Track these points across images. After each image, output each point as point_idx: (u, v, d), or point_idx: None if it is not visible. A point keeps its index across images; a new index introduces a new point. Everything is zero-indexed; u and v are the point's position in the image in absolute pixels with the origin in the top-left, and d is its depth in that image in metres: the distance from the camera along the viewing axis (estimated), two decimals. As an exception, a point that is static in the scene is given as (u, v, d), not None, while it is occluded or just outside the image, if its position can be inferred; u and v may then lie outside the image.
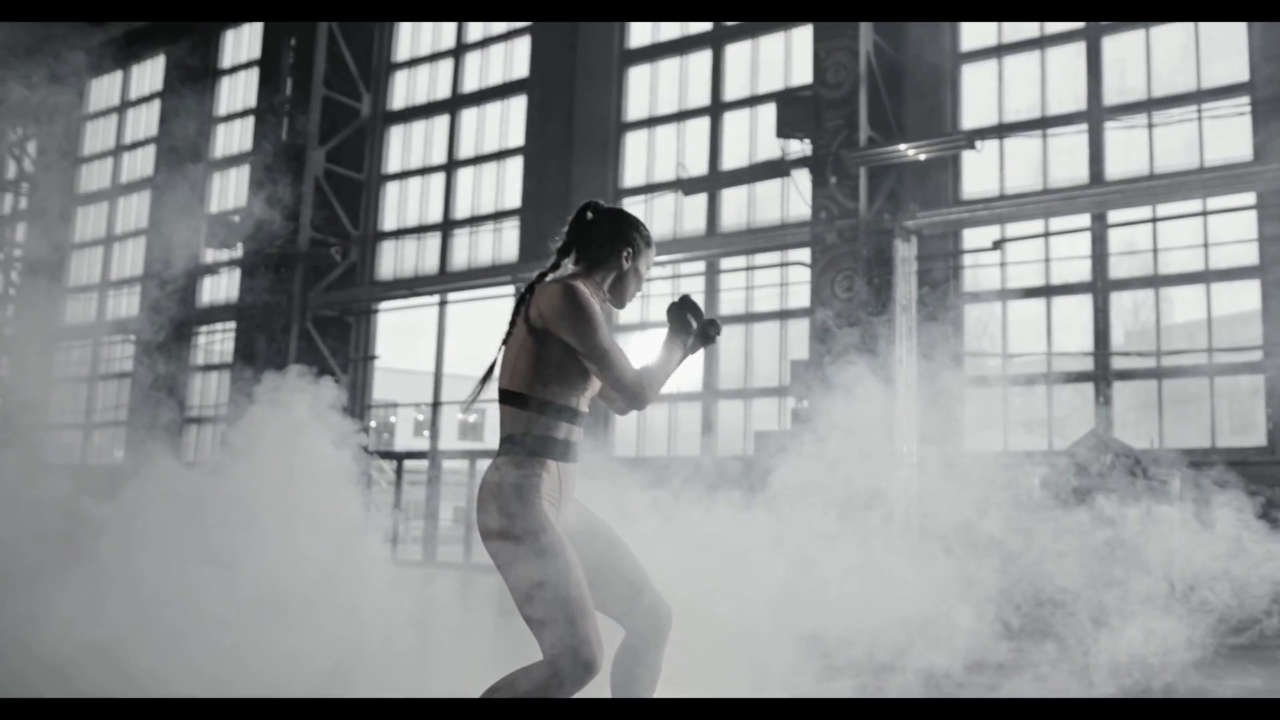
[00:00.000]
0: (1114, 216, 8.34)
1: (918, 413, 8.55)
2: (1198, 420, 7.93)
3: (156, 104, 14.37)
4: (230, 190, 13.39)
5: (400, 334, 13.30)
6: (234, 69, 13.81)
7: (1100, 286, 8.31)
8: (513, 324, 2.81)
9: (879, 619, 4.37)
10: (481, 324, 11.53)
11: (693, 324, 2.85)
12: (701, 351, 3.03)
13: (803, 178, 9.17)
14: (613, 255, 2.89)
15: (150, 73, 14.67)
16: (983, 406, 8.71)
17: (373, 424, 12.52)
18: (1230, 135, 7.97)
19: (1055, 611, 4.75)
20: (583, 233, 2.92)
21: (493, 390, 2.87)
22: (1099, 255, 8.35)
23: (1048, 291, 8.55)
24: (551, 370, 2.72)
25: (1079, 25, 8.72)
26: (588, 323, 2.66)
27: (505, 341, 2.82)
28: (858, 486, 5.44)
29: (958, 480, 5.75)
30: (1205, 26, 8.20)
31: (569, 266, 2.94)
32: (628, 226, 2.94)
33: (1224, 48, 8.10)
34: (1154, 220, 8.14)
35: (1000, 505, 5.16)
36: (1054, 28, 8.85)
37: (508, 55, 11.93)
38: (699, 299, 9.98)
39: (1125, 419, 8.14)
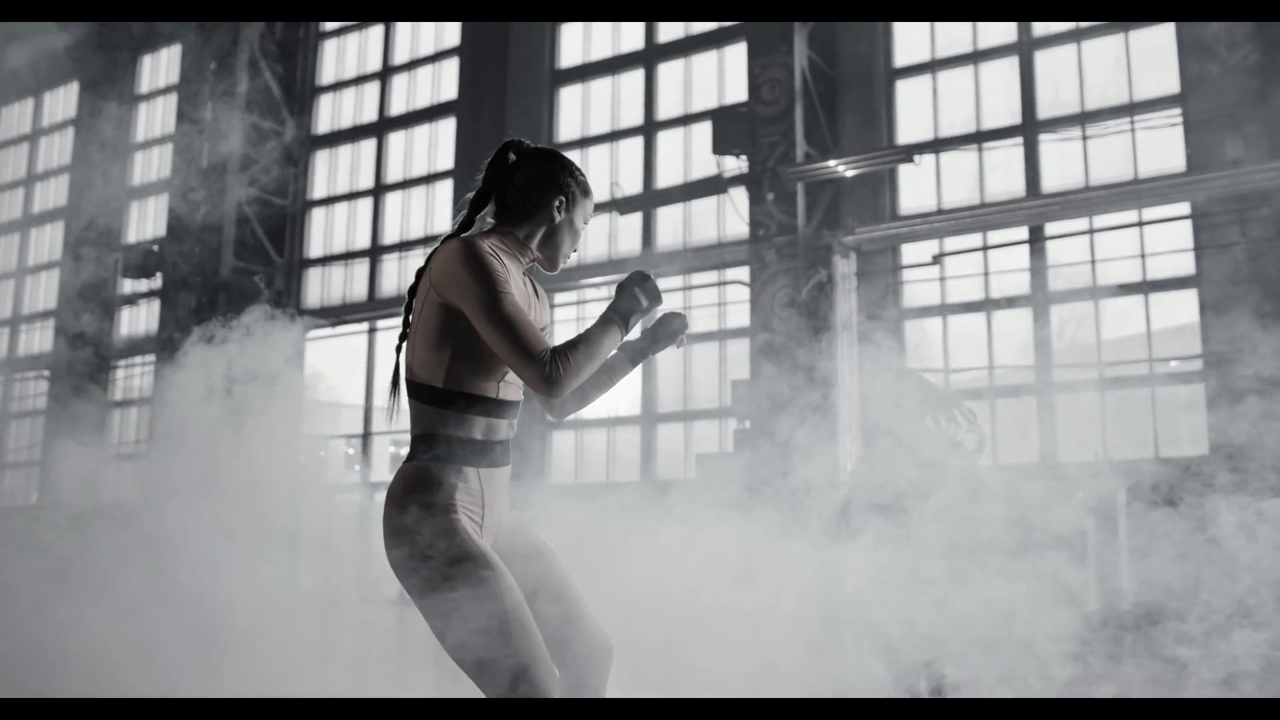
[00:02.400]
0: (1051, 229, 8.32)
1: (861, 430, 8.44)
2: (1138, 432, 7.90)
3: (70, 131, 13.90)
4: (149, 219, 12.95)
5: (328, 365, 12.94)
6: (152, 94, 13.39)
7: (1039, 300, 8.27)
8: (411, 298, 2.33)
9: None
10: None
11: (642, 302, 2.31)
12: (639, 371, 2.67)
13: (740, 195, 9.05)
14: (541, 206, 2.38)
15: (64, 99, 14.19)
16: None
17: (300, 458, 12.13)
18: (1163, 147, 8.00)
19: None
20: (503, 178, 2.41)
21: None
22: (1038, 268, 8.32)
23: (987, 305, 8.50)
24: (459, 350, 2.21)
25: (1011, 39, 8.72)
26: (486, 283, 2.16)
27: (407, 322, 2.33)
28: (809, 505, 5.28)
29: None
30: (1136, 39, 8.24)
31: (487, 221, 2.44)
32: (559, 170, 2.41)
33: (1155, 60, 8.14)
34: (1090, 232, 8.13)
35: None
36: (986, 41, 8.85)
37: (435, 77, 11.70)
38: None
39: (1068, 432, 8.09)
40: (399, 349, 2.35)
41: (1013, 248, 8.43)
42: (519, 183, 2.40)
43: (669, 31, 10.28)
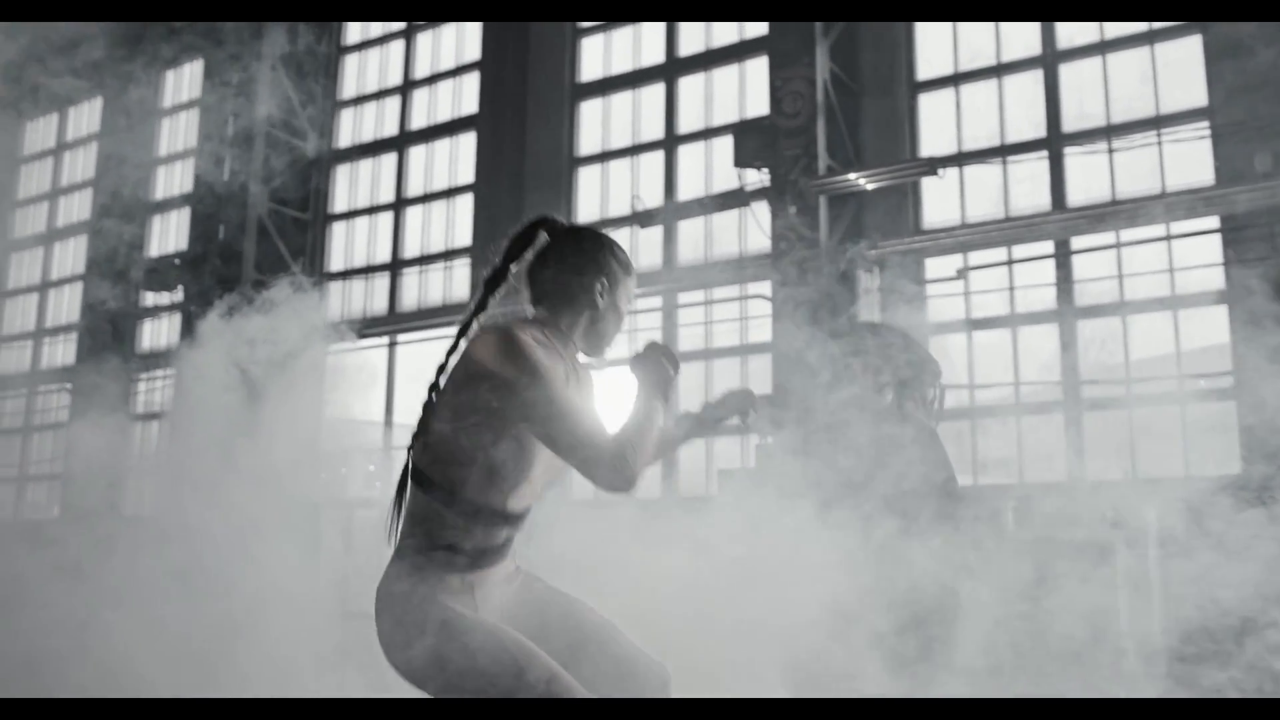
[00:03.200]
0: (1077, 244, 8.22)
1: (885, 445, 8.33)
2: (1169, 451, 7.78)
3: (94, 146, 13.97)
4: (171, 232, 12.98)
5: (346, 379, 12.91)
6: (174, 109, 13.45)
7: (1066, 315, 8.16)
8: (431, 393, 2.16)
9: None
10: (433, 367, 11.23)
11: (669, 370, 2.12)
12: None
13: (761, 209, 8.99)
14: (582, 291, 2.20)
15: (88, 114, 14.27)
16: (952, 437, 8.52)
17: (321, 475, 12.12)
18: (1191, 160, 7.89)
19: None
20: (538, 264, 2.22)
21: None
22: (1064, 283, 8.22)
23: (1013, 321, 8.40)
24: (480, 455, 2.03)
25: (1035, 52, 8.64)
26: (535, 379, 1.97)
27: (425, 419, 2.15)
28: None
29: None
30: (1162, 50, 8.14)
31: (528, 312, 2.26)
32: (599, 249, 2.23)
33: (1182, 72, 8.05)
34: (1118, 246, 8.03)
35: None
36: (1010, 54, 8.77)
37: (456, 91, 11.69)
38: (655, 336, 9.76)
39: (1096, 450, 7.98)
40: (410, 447, 2.15)
41: (1038, 262, 8.33)
42: (556, 266, 2.22)
43: (690, 44, 10.24)
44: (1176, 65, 8.06)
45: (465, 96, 11.57)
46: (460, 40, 11.74)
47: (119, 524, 9.62)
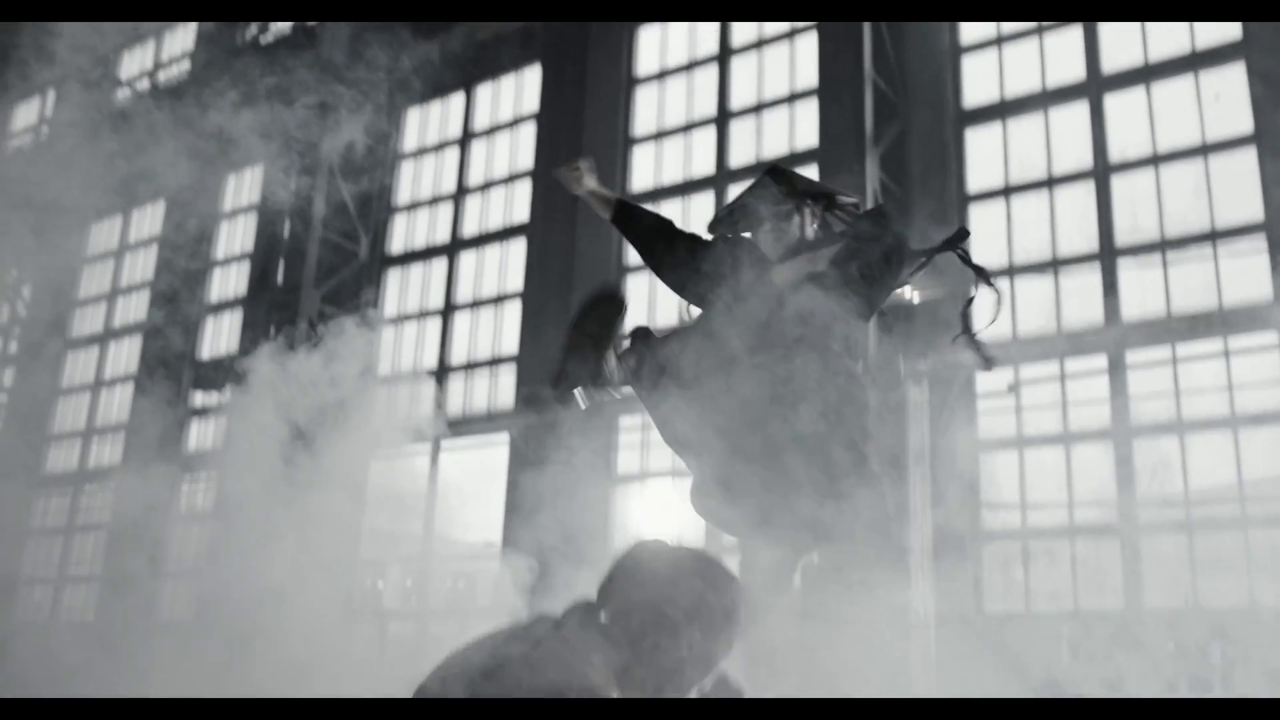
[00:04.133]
0: (1132, 359, 8.01)
1: (933, 568, 8.07)
2: (1231, 577, 7.43)
3: (154, 248, 14.28)
4: (224, 333, 13.15)
5: (385, 491, 12.84)
6: (234, 212, 13.74)
7: (1121, 433, 7.91)
8: None
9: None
10: (474, 478, 11.13)
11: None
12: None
13: (807, 320, 8.88)
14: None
15: (150, 217, 14.62)
16: (1002, 561, 8.24)
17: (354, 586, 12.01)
18: (1248, 275, 7.70)
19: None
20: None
21: (478, 551, 2.28)
22: (1118, 400, 7.98)
23: (1066, 438, 8.15)
24: None
25: (1087, 165, 8.55)
26: None
27: None
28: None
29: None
30: (1216, 163, 8.02)
31: None
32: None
33: (1237, 187, 7.90)
34: (1174, 361, 7.81)
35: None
36: (1061, 168, 8.68)
37: (508, 199, 11.82)
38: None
39: (1154, 576, 7.64)
40: None
41: (1091, 377, 8.12)
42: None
43: (740, 153, 10.28)
44: (1231, 178, 7.92)
45: (517, 205, 11.68)
46: (514, 147, 11.91)
47: (153, 628, 9.54)
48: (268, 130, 12.10)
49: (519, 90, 12.10)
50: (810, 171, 9.48)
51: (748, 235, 3.63)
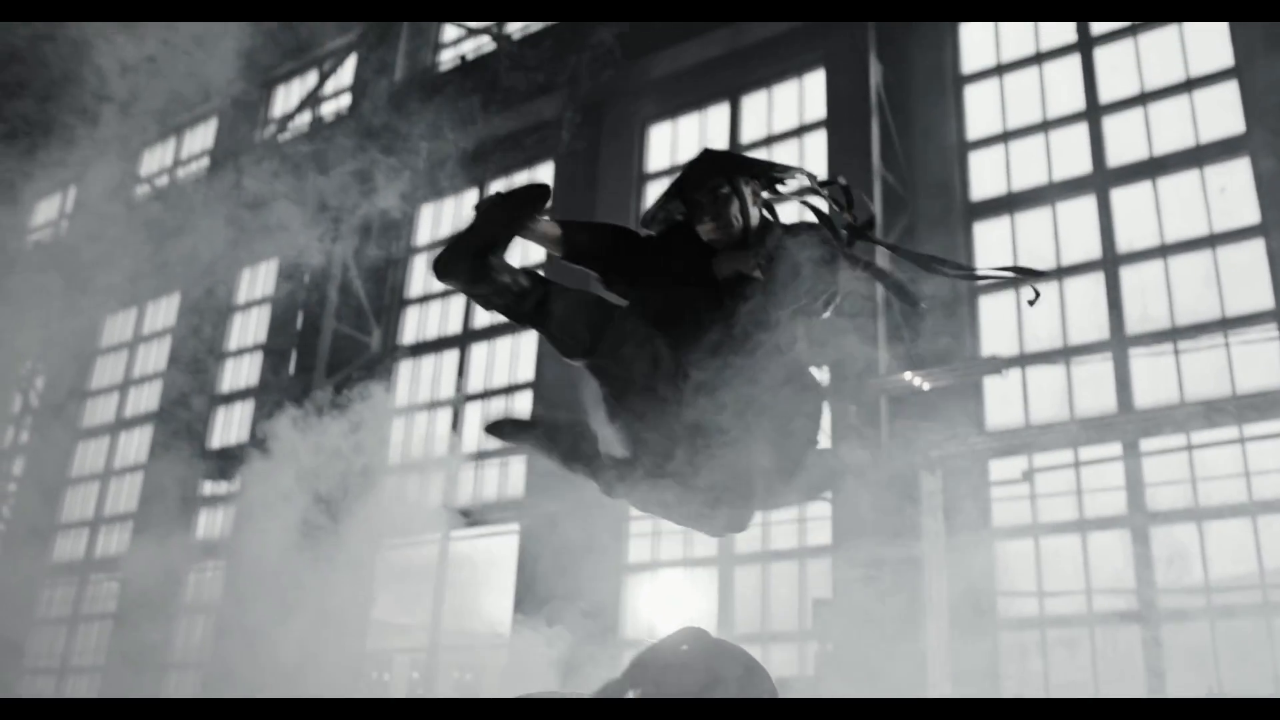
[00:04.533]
0: (1147, 446, 7.99)
1: (949, 658, 7.95)
2: (1258, 667, 7.30)
3: (168, 339, 14.39)
4: (234, 423, 13.18)
5: (394, 583, 12.71)
6: (247, 305, 13.88)
7: (1138, 520, 7.85)
8: None
9: None
10: (482, 570, 11.02)
11: None
12: (715, 590, 2.68)
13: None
14: None
15: (165, 309, 14.77)
16: (1019, 650, 8.12)
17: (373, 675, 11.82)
18: (1261, 361, 7.73)
19: None
20: None
21: (485, 642, 2.30)
22: (1134, 486, 7.95)
23: (1082, 526, 8.09)
24: None
25: (1096, 255, 8.65)
26: None
27: None
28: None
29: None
30: (1225, 254, 8.11)
31: None
32: None
33: (1246, 275, 7.99)
34: (1189, 448, 7.79)
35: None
36: (1070, 258, 8.78)
37: (520, 289, 11.89)
38: (710, 537, 9.53)
39: (1176, 665, 7.52)
40: None
41: (1106, 464, 8.09)
42: None
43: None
44: (1240, 268, 8.01)
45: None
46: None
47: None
48: (283, 225, 12.30)
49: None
50: (820, 264, 9.59)
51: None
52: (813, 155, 10.22)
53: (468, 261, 2.88)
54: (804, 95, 10.56)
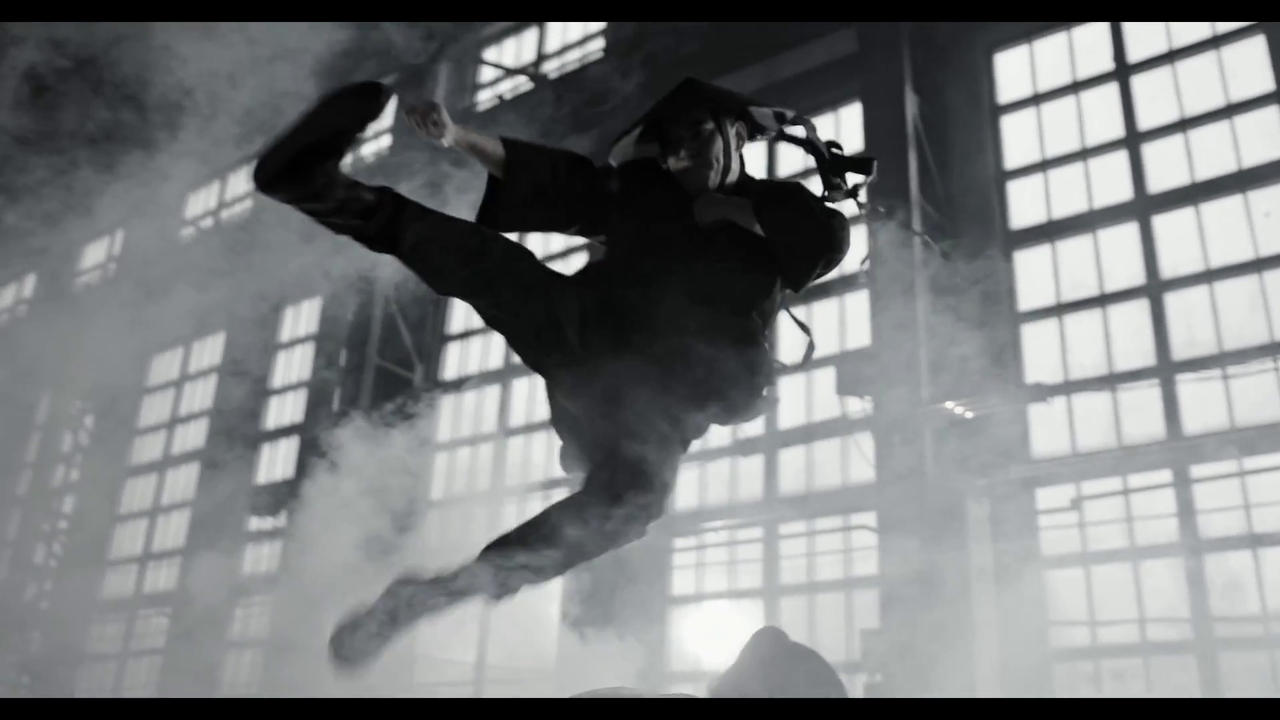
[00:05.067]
0: (1197, 472, 7.92)
1: (1000, 688, 7.87)
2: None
3: (213, 378, 14.59)
4: (279, 459, 13.32)
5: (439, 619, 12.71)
6: (291, 343, 14.06)
7: (1190, 547, 7.77)
8: None
9: None
10: (527, 603, 11.01)
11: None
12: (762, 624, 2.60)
13: (864, 437, 8.90)
14: None
15: (210, 348, 14.98)
16: (1072, 681, 8.03)
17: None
18: (1312, 387, 7.67)
19: None
20: None
21: (530, 675, 2.33)
22: (1185, 513, 7.87)
23: (1133, 554, 8.01)
24: None
25: (1139, 282, 8.62)
26: None
27: None
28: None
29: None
30: (1271, 277, 8.06)
31: None
32: None
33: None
34: (1240, 474, 7.72)
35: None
36: (1113, 285, 8.75)
37: (560, 325, 11.97)
38: (756, 568, 9.53)
39: (1231, 695, 7.41)
40: None
41: (1156, 491, 8.03)
42: None
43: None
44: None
45: (570, 329, 11.84)
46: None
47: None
48: (325, 264, 12.46)
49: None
50: (860, 296, 9.62)
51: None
52: (851, 187, 10.25)
53: (289, 168, 2.41)
54: (840, 128, 10.61)
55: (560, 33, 13.18)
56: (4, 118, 11.30)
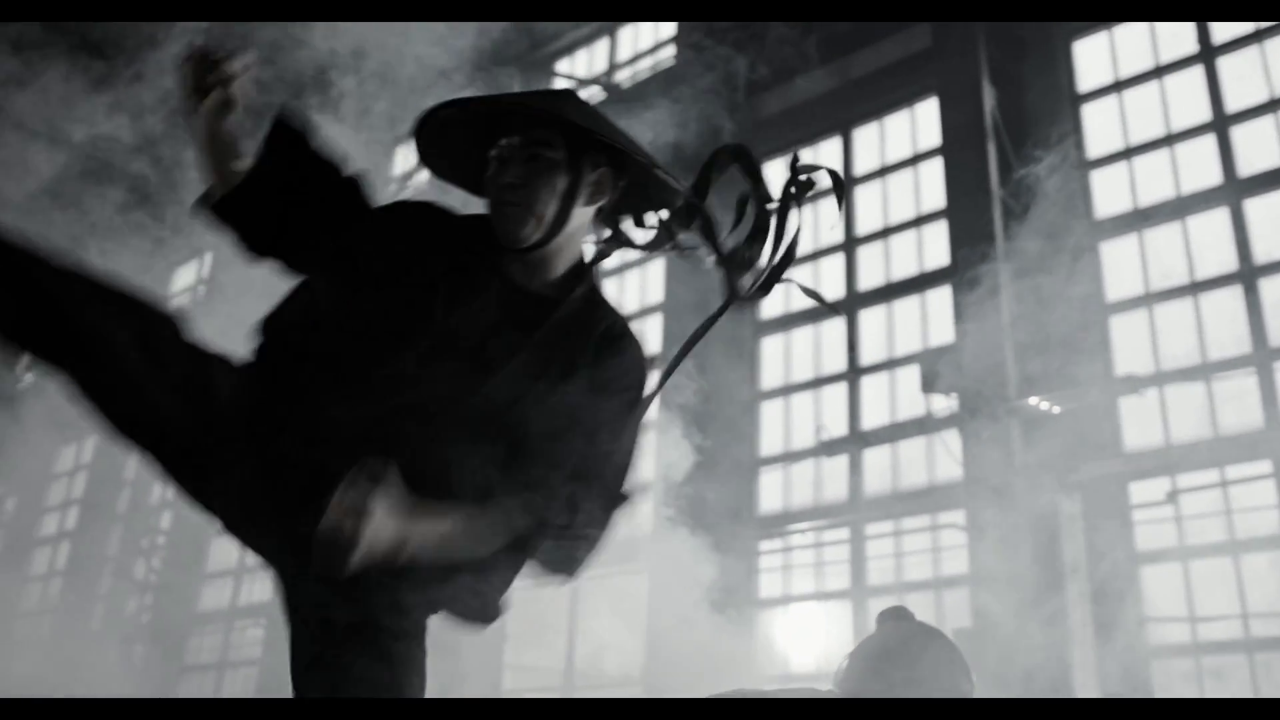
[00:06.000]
0: (1299, 462, 7.68)
1: (1098, 687, 7.70)
2: None
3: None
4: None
5: (526, 624, 12.77)
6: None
7: (1294, 539, 7.54)
8: None
9: None
10: (613, 609, 11.02)
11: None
12: (849, 621, 2.57)
13: (951, 435, 8.78)
14: None
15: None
16: (1169, 680, 7.82)
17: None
18: None
19: None
20: None
21: (617, 681, 2.30)
22: (1287, 505, 7.63)
23: (1233, 547, 7.78)
24: None
25: (1232, 269, 8.40)
26: None
27: None
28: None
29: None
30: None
31: None
32: None
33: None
34: (1346, 464, 7.47)
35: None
36: (1204, 272, 8.54)
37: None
38: (843, 569, 9.44)
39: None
40: None
41: (1256, 482, 7.79)
42: None
43: (869, 278, 10.33)
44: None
45: (648, 337, 11.85)
46: (644, 279, 12.15)
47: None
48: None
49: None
50: (942, 293, 9.52)
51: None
52: (929, 183, 10.16)
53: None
54: (916, 124, 10.53)
55: (631, 41, 13.25)
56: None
